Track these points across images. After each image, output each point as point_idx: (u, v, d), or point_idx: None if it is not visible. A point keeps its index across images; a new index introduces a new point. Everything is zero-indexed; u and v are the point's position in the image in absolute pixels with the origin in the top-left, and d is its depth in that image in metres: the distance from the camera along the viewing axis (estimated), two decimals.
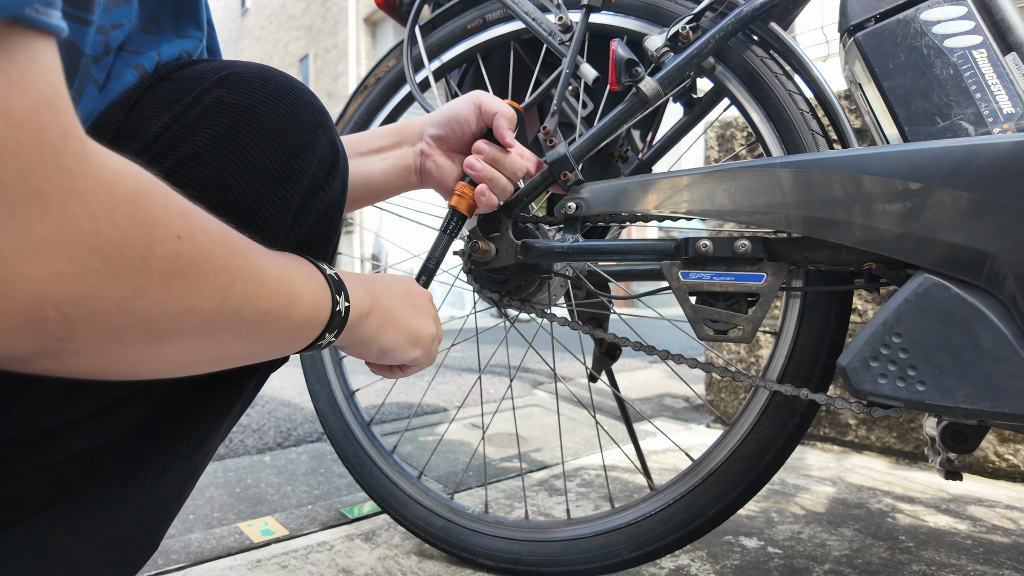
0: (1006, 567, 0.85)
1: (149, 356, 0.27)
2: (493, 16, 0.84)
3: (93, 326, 0.24)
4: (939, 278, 0.54)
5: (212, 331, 0.29)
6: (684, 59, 0.67)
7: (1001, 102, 0.57)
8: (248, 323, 0.31)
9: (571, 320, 0.79)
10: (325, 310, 0.37)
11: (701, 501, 0.72)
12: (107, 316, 0.24)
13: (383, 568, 0.85)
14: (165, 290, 0.25)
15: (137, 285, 0.24)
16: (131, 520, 0.39)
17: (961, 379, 0.53)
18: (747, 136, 1.58)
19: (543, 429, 1.67)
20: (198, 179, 0.34)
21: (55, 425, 0.34)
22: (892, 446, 1.37)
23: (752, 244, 0.62)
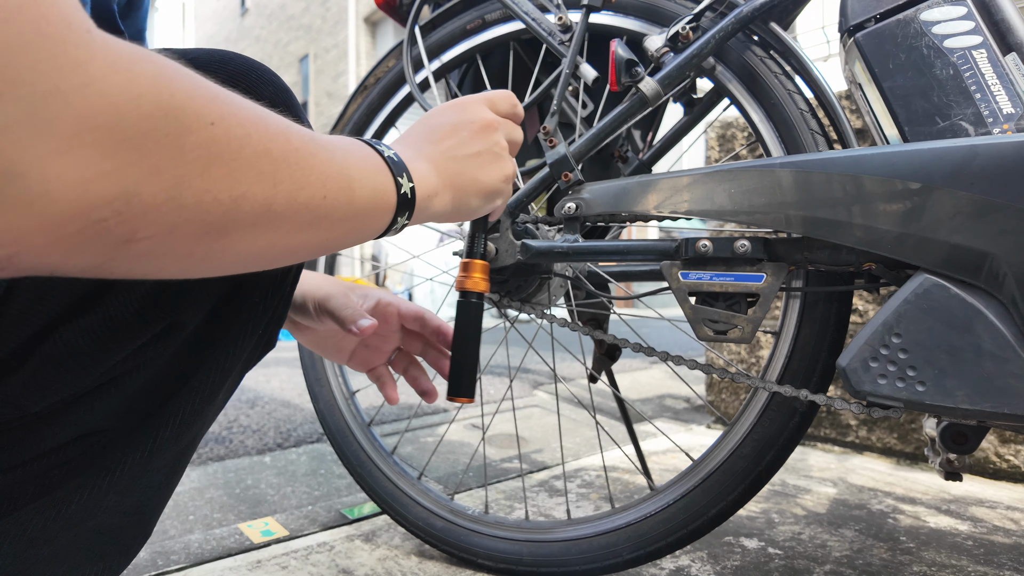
0: (1007, 568, 0.85)
1: (218, 250, 0.27)
2: (493, 16, 0.84)
3: (150, 223, 0.23)
4: (939, 278, 0.54)
5: (272, 221, 0.28)
6: (684, 59, 0.67)
7: (1001, 102, 0.57)
8: (307, 210, 0.30)
9: (571, 321, 0.79)
10: (389, 194, 0.36)
11: (701, 501, 0.71)
12: (160, 211, 0.23)
13: (383, 569, 0.85)
14: (208, 178, 0.24)
15: (177, 176, 0.23)
16: (120, 506, 0.39)
17: (961, 379, 0.53)
18: (747, 136, 1.58)
19: (543, 430, 1.67)
20: None
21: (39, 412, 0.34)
22: (893, 447, 1.37)
23: (752, 244, 0.62)
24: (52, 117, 0.20)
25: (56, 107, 0.20)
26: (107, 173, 0.21)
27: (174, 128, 0.23)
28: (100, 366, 0.34)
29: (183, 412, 0.39)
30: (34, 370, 0.32)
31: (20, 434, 0.34)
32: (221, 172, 0.25)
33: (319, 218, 0.31)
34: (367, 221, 0.35)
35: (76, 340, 0.33)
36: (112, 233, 0.22)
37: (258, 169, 0.27)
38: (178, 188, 0.23)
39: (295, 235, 0.30)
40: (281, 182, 0.28)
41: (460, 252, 0.79)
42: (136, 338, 0.35)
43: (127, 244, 0.23)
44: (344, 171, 0.32)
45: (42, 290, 0.31)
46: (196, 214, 0.24)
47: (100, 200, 0.21)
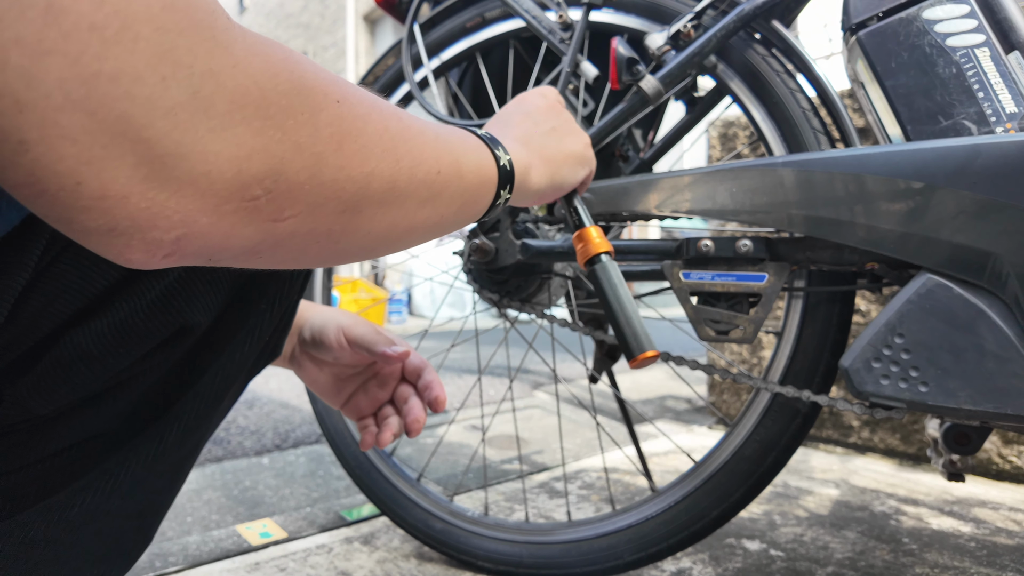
0: (1009, 569, 0.85)
1: (352, 229, 0.28)
2: (492, 14, 0.84)
3: (295, 201, 0.24)
4: (942, 278, 0.54)
5: (396, 197, 0.29)
6: (685, 57, 0.66)
7: (1004, 101, 0.56)
8: (425, 186, 0.31)
9: (571, 321, 0.79)
10: (491, 168, 0.37)
11: (703, 503, 0.71)
12: (303, 189, 0.24)
13: (382, 571, 0.84)
14: (342, 155, 0.25)
15: (316, 153, 0.24)
16: (123, 510, 0.39)
17: (964, 380, 0.53)
18: (749, 135, 1.58)
19: (543, 431, 1.67)
20: None
21: (46, 414, 0.34)
22: (896, 448, 1.36)
23: (754, 244, 0.61)
24: (210, 96, 0.20)
25: (212, 87, 0.20)
26: (257, 151, 0.22)
27: (308, 106, 0.24)
28: (109, 370, 0.34)
29: (187, 417, 0.39)
30: (43, 373, 0.32)
31: (26, 436, 0.34)
32: (352, 149, 0.26)
33: (435, 194, 0.32)
34: (475, 196, 0.36)
35: (86, 344, 0.33)
36: (263, 212, 0.23)
37: (382, 146, 0.28)
38: (317, 166, 0.24)
39: (416, 212, 0.31)
40: (402, 158, 0.29)
41: (460, 252, 0.78)
42: (145, 343, 0.35)
43: (275, 224, 0.24)
44: (449, 147, 0.33)
45: (54, 294, 0.32)
46: (334, 191, 0.25)
47: (252, 178, 0.22)
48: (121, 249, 0.21)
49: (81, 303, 0.33)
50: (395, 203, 0.29)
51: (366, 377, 0.57)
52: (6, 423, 0.33)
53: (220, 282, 0.37)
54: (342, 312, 0.56)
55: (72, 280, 0.32)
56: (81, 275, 0.32)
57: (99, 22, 0.18)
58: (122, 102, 0.19)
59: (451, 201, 0.34)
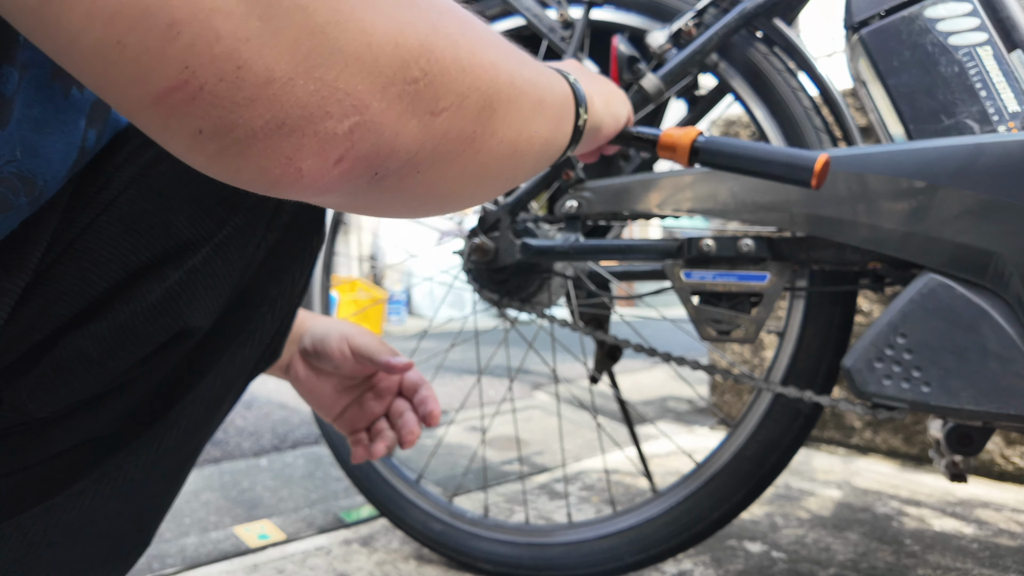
0: (1012, 571, 0.84)
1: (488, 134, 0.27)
2: (493, 11, 0.84)
3: (446, 88, 0.23)
4: (944, 278, 0.53)
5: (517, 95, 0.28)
6: (687, 55, 0.66)
7: (1006, 100, 0.56)
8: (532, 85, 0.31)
9: (572, 321, 0.78)
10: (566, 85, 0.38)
11: (704, 504, 0.71)
12: (449, 73, 0.23)
13: (381, 573, 0.84)
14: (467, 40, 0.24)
15: (449, 34, 0.23)
16: (121, 513, 0.39)
17: (966, 380, 0.53)
18: (751, 133, 1.57)
19: (544, 432, 1.66)
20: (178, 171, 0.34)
21: (45, 417, 0.33)
22: (898, 449, 1.36)
23: (756, 243, 0.61)
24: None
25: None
26: (407, 24, 0.21)
27: None
28: (108, 373, 0.34)
29: (186, 420, 0.39)
30: (42, 376, 0.32)
31: (24, 439, 0.34)
32: (473, 36, 0.25)
33: (540, 99, 0.32)
34: (564, 112, 0.37)
35: (85, 347, 0.33)
36: (423, 99, 0.22)
37: (491, 39, 0.27)
38: (455, 48, 0.23)
39: (530, 120, 0.30)
40: (510, 54, 0.28)
41: (460, 251, 0.78)
42: (145, 346, 0.35)
43: (433, 117, 0.22)
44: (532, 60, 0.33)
45: (54, 296, 0.32)
46: (473, 79, 0.24)
47: (409, 54, 0.21)
48: (292, 152, 0.19)
49: (81, 305, 0.32)
50: (517, 103, 0.28)
51: (363, 390, 0.56)
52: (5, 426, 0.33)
53: (221, 285, 0.37)
54: (344, 322, 0.56)
55: (72, 282, 0.32)
56: (81, 277, 0.32)
57: None
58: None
59: (551, 110, 0.34)
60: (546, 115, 0.33)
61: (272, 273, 0.40)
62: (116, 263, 0.32)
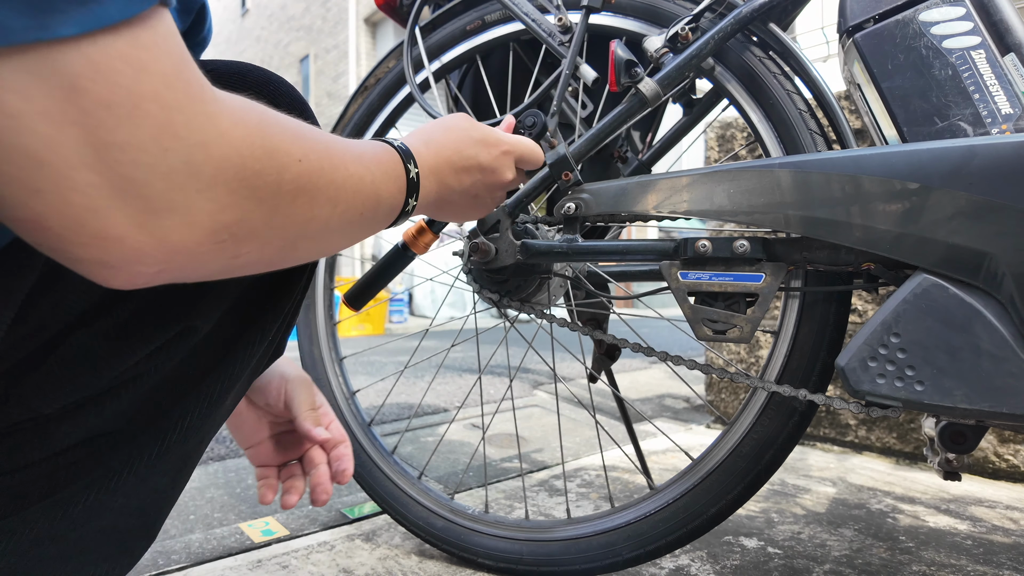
0: (1006, 567, 0.85)
1: (286, 258, 0.33)
2: (492, 17, 0.84)
3: (250, 242, 0.28)
4: (937, 278, 0.54)
5: (325, 234, 0.34)
6: (683, 60, 0.67)
7: (999, 103, 0.57)
8: (349, 224, 0.36)
9: (571, 321, 0.79)
10: (400, 187, 0.42)
11: (701, 500, 0.72)
12: (258, 233, 0.28)
13: (384, 568, 0.85)
14: (294, 206, 0.30)
15: (274, 205, 0.29)
16: (126, 508, 0.39)
17: (959, 379, 0.53)
18: (746, 137, 1.58)
19: (543, 429, 1.67)
20: None
21: (51, 414, 0.34)
22: (892, 446, 1.37)
23: (751, 244, 0.62)
24: (200, 164, 0.24)
25: (202, 156, 0.24)
26: (230, 206, 0.26)
27: (275, 168, 0.28)
28: (114, 370, 0.35)
29: (191, 416, 0.40)
30: (49, 372, 0.33)
31: (31, 435, 0.34)
32: (303, 200, 0.31)
33: (355, 228, 0.37)
34: (384, 220, 0.42)
35: (91, 344, 0.33)
36: (227, 251, 0.27)
37: (326, 195, 0.32)
38: (273, 215, 0.29)
39: (334, 242, 0.37)
40: (338, 204, 0.34)
41: (460, 252, 0.79)
42: (149, 343, 0.35)
43: (234, 259, 0.28)
44: (377, 189, 0.39)
45: (60, 295, 0.32)
46: (281, 233, 0.30)
47: (223, 226, 0.26)
48: (107, 277, 0.25)
49: (87, 304, 0.33)
50: (322, 238, 0.34)
51: (285, 429, 0.56)
52: (11, 422, 0.33)
53: (225, 284, 0.38)
54: (291, 365, 0.56)
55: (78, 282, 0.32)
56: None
57: (113, 101, 0.21)
58: (128, 167, 0.22)
59: (365, 229, 0.39)
60: (358, 231, 0.38)
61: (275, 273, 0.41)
62: None
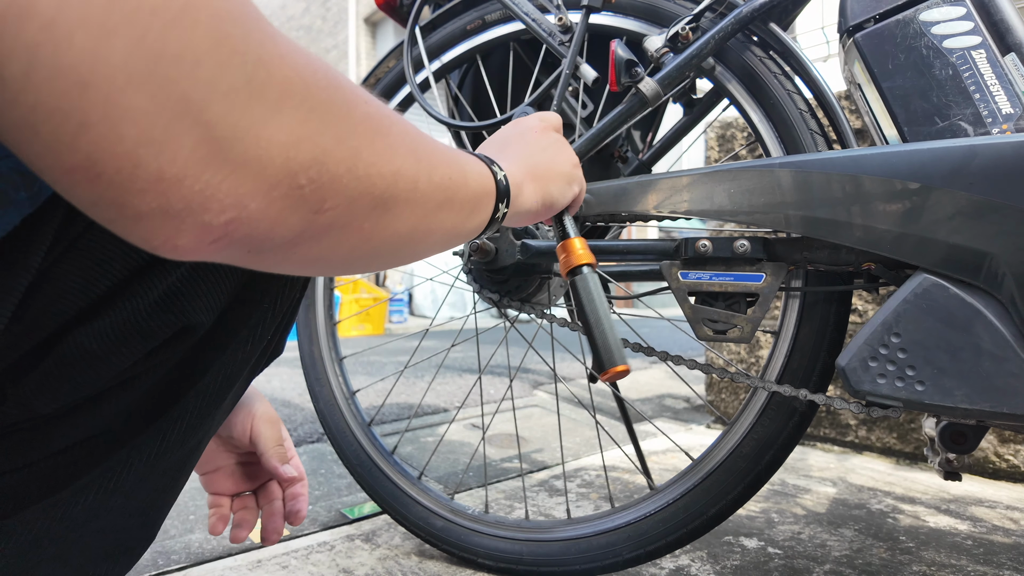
0: (1006, 568, 0.85)
1: (381, 227, 0.29)
2: (493, 17, 0.84)
3: (336, 192, 0.25)
4: (938, 278, 0.54)
5: (418, 197, 0.30)
6: (684, 60, 0.67)
7: (1000, 102, 0.57)
8: (440, 189, 0.33)
9: (571, 320, 0.79)
10: (490, 179, 0.39)
11: (701, 501, 0.72)
12: (342, 181, 0.25)
13: (383, 568, 0.85)
14: (373, 150, 0.27)
15: (352, 147, 0.25)
16: (126, 508, 0.39)
17: (960, 379, 0.53)
18: (747, 136, 1.58)
19: (543, 430, 1.67)
20: None
21: (49, 413, 0.34)
22: (893, 447, 1.37)
23: (751, 244, 0.62)
24: (262, 84, 0.21)
25: (264, 75, 0.21)
26: (304, 139, 0.23)
27: (344, 101, 0.25)
28: (112, 369, 0.34)
29: (190, 415, 0.39)
30: (47, 372, 0.32)
31: (29, 435, 0.34)
32: (382, 146, 0.27)
33: (448, 198, 0.34)
34: (479, 205, 0.38)
35: (89, 343, 0.33)
36: (307, 201, 0.24)
37: (405, 147, 0.29)
38: (353, 159, 0.25)
39: (434, 215, 0.33)
40: (421, 160, 0.30)
41: (460, 252, 0.79)
42: (148, 342, 0.35)
43: (317, 215, 0.24)
44: (456, 158, 0.36)
45: (58, 294, 0.32)
46: (367, 186, 0.26)
47: (300, 166, 0.23)
48: (171, 234, 0.21)
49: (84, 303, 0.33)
50: (417, 203, 0.30)
51: (245, 460, 0.56)
52: (9, 422, 0.33)
53: (223, 281, 0.37)
54: (259, 398, 0.55)
55: (76, 280, 0.32)
56: (85, 275, 0.32)
57: (160, 5, 0.18)
58: (183, 84, 0.19)
59: (461, 207, 0.36)
60: (454, 211, 0.35)
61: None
62: (118, 260, 0.33)
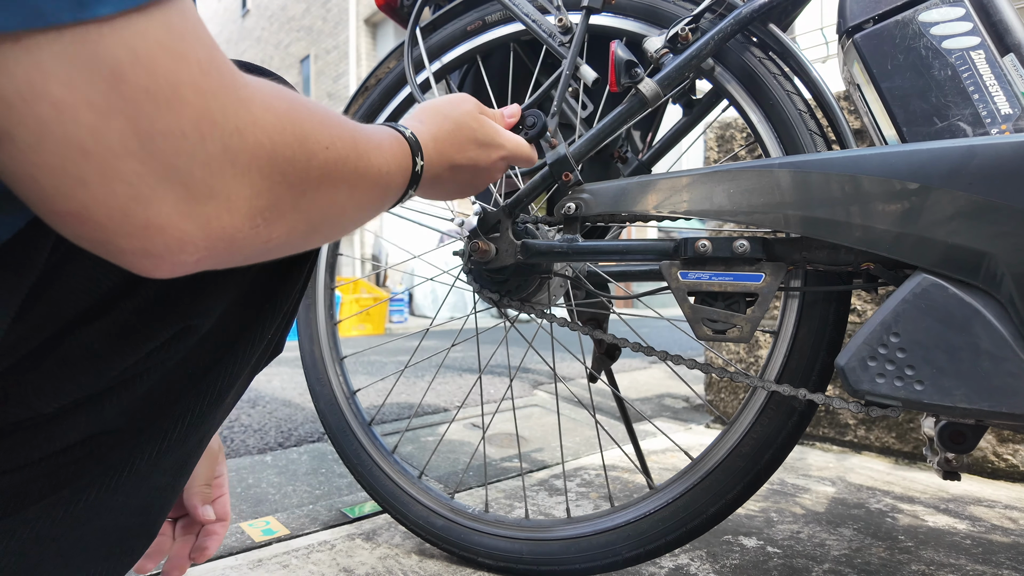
0: (1005, 567, 0.85)
1: (307, 241, 0.34)
2: (493, 18, 0.84)
3: (280, 225, 0.29)
4: (937, 278, 0.54)
5: (342, 218, 0.36)
6: (683, 60, 0.67)
7: (999, 103, 0.57)
8: (361, 210, 0.38)
9: (571, 320, 0.79)
10: (406, 177, 0.44)
11: (700, 500, 0.72)
12: (287, 217, 0.29)
13: (384, 567, 0.85)
14: (319, 191, 0.31)
15: (302, 190, 0.30)
16: (127, 506, 0.39)
17: (959, 379, 0.54)
18: (746, 137, 1.58)
19: (543, 429, 1.68)
20: None
21: (51, 412, 0.34)
22: (891, 446, 1.37)
23: (751, 244, 0.62)
24: (236, 150, 0.25)
25: (238, 142, 0.25)
26: (265, 191, 0.27)
27: (305, 154, 0.29)
28: (113, 368, 0.35)
29: (191, 414, 0.40)
30: (49, 371, 0.33)
31: (31, 434, 0.34)
32: (328, 185, 0.32)
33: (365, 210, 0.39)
34: (389, 202, 0.44)
35: (91, 343, 0.33)
36: (260, 235, 0.28)
37: (349, 183, 0.34)
38: (302, 199, 0.30)
39: (352, 224, 0.39)
40: (356, 188, 0.35)
41: (460, 252, 0.79)
42: (149, 341, 0.35)
43: (267, 243, 0.29)
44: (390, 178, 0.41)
45: (60, 294, 0.32)
46: (306, 217, 0.31)
47: (258, 211, 0.27)
48: (150, 268, 0.25)
49: (87, 303, 0.33)
50: (341, 222, 0.36)
51: None
52: (11, 421, 0.33)
53: (224, 282, 0.38)
54: None
55: (79, 281, 0.32)
56: (87, 276, 0.32)
57: (154, 89, 0.22)
58: (171, 155, 0.23)
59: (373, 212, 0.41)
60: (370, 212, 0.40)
61: (274, 271, 0.41)
62: None
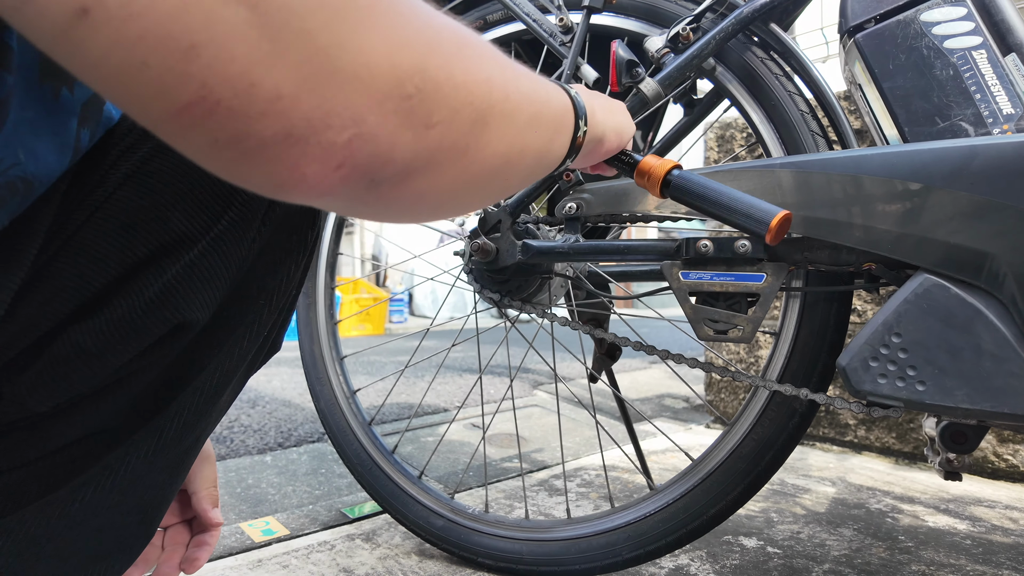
0: (1005, 567, 0.85)
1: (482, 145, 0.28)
2: (494, 17, 0.84)
3: (439, 103, 0.24)
4: (939, 278, 0.54)
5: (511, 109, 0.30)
6: (684, 60, 0.67)
7: (1001, 103, 0.57)
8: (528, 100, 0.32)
9: (571, 320, 0.79)
10: (566, 97, 0.40)
11: (701, 501, 0.72)
12: (443, 90, 0.24)
13: (384, 568, 0.85)
14: (463, 57, 0.26)
15: (444, 52, 0.25)
16: (123, 506, 0.39)
17: (961, 379, 0.53)
18: (747, 137, 1.58)
19: (543, 429, 1.67)
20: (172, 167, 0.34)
21: (45, 412, 0.34)
22: (892, 446, 1.37)
23: (752, 244, 0.62)
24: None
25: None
26: (402, 44, 0.22)
27: (424, 11, 0.24)
28: (108, 367, 0.34)
29: (186, 412, 0.39)
30: (42, 371, 0.32)
31: (26, 434, 0.34)
32: (469, 53, 0.26)
33: (537, 113, 0.33)
34: (562, 124, 0.38)
35: (85, 341, 0.33)
36: (416, 114, 0.23)
37: (490, 55, 0.28)
38: (449, 65, 0.24)
39: (525, 133, 0.32)
40: (506, 68, 0.29)
41: (460, 252, 0.79)
42: (143, 340, 0.35)
43: (428, 129, 0.24)
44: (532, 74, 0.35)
45: (52, 292, 0.32)
46: (466, 95, 0.25)
47: (404, 73, 0.22)
48: (297, 159, 0.21)
49: (79, 301, 0.33)
50: (511, 116, 0.29)
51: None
52: (5, 421, 0.33)
53: (217, 279, 0.37)
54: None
55: (70, 278, 0.32)
56: (79, 273, 0.32)
57: None
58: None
59: (548, 125, 0.35)
60: (541, 128, 0.34)
61: (268, 266, 0.40)
62: (113, 258, 0.33)
